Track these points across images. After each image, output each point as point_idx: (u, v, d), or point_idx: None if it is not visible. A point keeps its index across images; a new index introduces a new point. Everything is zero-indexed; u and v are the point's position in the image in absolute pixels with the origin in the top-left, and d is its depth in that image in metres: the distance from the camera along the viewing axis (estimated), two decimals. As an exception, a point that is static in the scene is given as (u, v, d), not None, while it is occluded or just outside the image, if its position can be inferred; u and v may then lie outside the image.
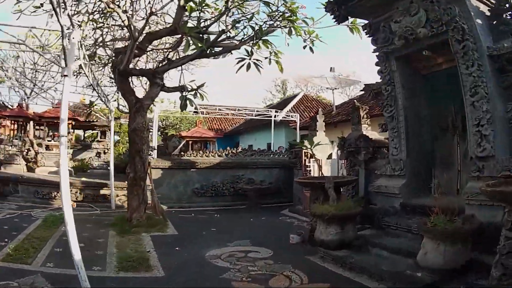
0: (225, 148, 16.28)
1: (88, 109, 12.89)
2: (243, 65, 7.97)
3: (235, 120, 34.28)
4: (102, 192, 13.69)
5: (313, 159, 12.50)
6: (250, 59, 7.98)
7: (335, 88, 22.29)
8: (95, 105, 13.02)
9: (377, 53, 7.35)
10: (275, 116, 21.86)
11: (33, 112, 20.90)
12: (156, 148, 15.21)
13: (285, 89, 49.01)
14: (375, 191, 7.61)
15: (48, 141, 18.80)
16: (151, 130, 15.17)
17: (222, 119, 35.93)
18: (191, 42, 7.27)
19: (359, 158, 8.83)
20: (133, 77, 11.35)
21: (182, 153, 15.73)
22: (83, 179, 14.97)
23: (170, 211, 13.08)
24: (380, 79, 7.55)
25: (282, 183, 15.34)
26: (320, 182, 7.68)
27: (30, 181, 14.12)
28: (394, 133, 7.23)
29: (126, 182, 10.70)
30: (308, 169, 12.68)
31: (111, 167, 13.28)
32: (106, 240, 8.47)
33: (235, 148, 16.76)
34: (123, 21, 8.51)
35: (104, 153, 17.19)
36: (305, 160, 12.44)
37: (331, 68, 21.67)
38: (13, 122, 20.65)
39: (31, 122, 20.35)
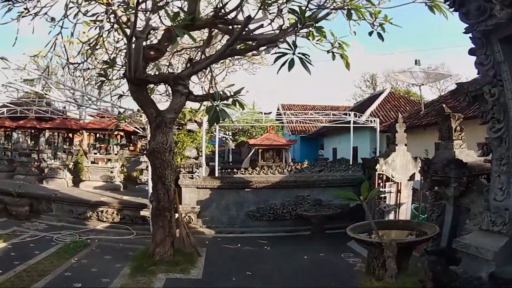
0: (307, 152, 14.02)
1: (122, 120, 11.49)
2: (284, 62, 5.96)
3: (320, 120, 31.84)
4: (142, 213, 12.56)
5: (391, 183, 9.81)
6: (293, 53, 5.97)
7: (422, 84, 19.72)
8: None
9: (470, 35, 4.61)
10: (355, 119, 19.01)
11: (74, 122, 20.49)
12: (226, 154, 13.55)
13: (375, 84, 46.23)
14: (460, 249, 4.88)
15: (94, 153, 18.08)
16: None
17: (305, 119, 33.65)
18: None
19: (447, 193, 6.15)
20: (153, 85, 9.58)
21: (235, 168, 13.75)
22: (125, 198, 13.85)
23: (216, 238, 11.71)
24: (480, 75, 4.77)
25: (355, 204, 12.68)
26: (379, 243, 5.15)
27: (64, 199, 13.58)
28: (501, 166, 4.45)
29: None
30: (382, 194, 9.97)
31: (149, 184, 11.84)
32: (112, 280, 7.40)
33: (299, 163, 14.48)
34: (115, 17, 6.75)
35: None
36: (379, 183, 9.74)
37: (416, 61, 19.29)
38: (55, 133, 20.42)
39: (84, 132, 19.90)
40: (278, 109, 37.92)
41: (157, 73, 9.78)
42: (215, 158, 17.64)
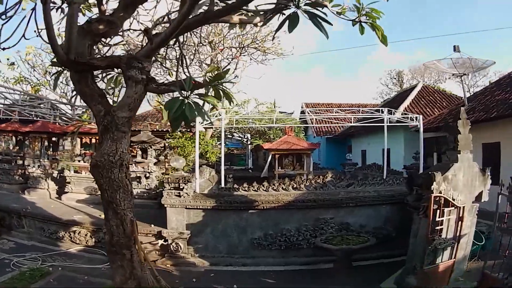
0: (333, 155, 11.33)
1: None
2: (285, 20, 4.27)
3: (347, 120, 29.21)
4: None
5: (450, 209, 6.93)
6: (297, 6, 4.22)
7: (463, 74, 17.46)
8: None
9: None
10: (388, 117, 16.03)
11: (58, 125, 18.30)
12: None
13: (401, 82, 45.34)
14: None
15: (77, 161, 15.80)
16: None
17: (331, 119, 30.99)
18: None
19: None
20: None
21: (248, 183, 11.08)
22: (102, 215, 11.58)
23: (209, 273, 9.36)
24: None
25: (393, 227, 10.15)
26: None
27: (35, 215, 12.08)
28: None
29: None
30: (439, 220, 7.04)
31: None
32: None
33: (321, 175, 11.68)
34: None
35: (146, 177, 13.39)
36: (435, 210, 6.79)
37: (455, 47, 16.63)
38: (37, 138, 18.30)
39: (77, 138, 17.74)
40: (301, 107, 35.50)
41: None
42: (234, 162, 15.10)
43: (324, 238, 9.36)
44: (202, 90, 5.15)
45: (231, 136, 31.38)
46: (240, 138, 31.47)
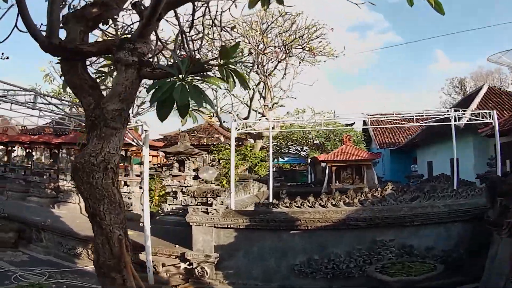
0: (397, 168, 9.96)
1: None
2: None
3: (411, 130, 27.24)
4: (142, 257, 9.34)
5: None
6: None
7: None
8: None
9: None
10: (457, 118, 14.15)
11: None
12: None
13: (464, 90, 43.77)
14: None
15: None
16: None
17: (395, 130, 29.39)
18: None
19: None
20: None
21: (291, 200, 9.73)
22: (130, 233, 10.65)
23: None
24: None
25: (465, 249, 8.41)
26: None
27: (54, 229, 11.90)
28: None
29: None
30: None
31: (145, 220, 8.89)
32: None
33: (381, 188, 10.09)
34: None
35: (183, 192, 12.33)
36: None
37: None
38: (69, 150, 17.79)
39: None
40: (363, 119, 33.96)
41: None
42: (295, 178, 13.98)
43: (380, 266, 7.76)
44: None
45: (287, 150, 30.18)
46: (298, 152, 30.18)
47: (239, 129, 12.21)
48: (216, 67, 3.93)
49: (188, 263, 8.90)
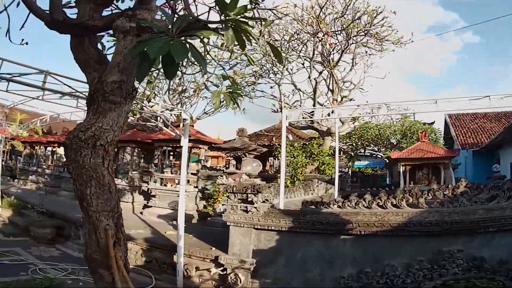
0: (481, 171, 9.04)
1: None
2: None
3: (494, 130, 25.43)
4: (176, 258, 9.04)
5: None
6: None
7: None
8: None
9: None
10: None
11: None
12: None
13: None
14: None
15: (162, 172, 15.36)
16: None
17: (477, 130, 28.64)
18: None
19: None
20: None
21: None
22: (169, 233, 10.55)
23: None
24: None
25: None
26: None
27: None
28: None
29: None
30: None
31: (179, 218, 8.83)
32: None
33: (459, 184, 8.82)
34: None
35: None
36: None
37: None
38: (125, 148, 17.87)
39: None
40: (444, 119, 32.27)
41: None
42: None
43: (441, 284, 6.65)
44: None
45: (363, 151, 29.02)
46: (374, 153, 28.94)
47: (291, 119, 11.57)
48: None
49: (221, 268, 8.31)
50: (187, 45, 3.14)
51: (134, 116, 14.56)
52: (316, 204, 8.68)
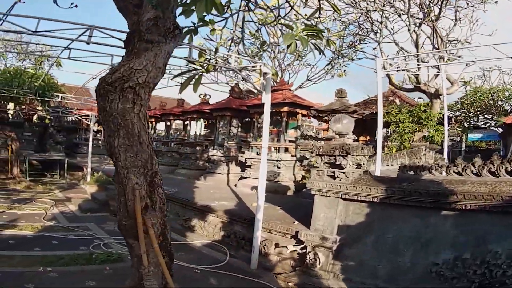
0: None
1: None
2: None
3: None
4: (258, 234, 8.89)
5: None
6: None
7: None
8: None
9: None
10: None
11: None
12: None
13: None
14: None
15: (257, 140, 15.86)
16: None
17: None
18: None
19: None
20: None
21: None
22: (254, 204, 10.58)
23: None
24: None
25: None
26: None
27: (176, 199, 12.19)
28: None
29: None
30: None
31: (260, 187, 8.63)
32: None
33: None
34: None
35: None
36: None
37: None
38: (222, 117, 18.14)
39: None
40: None
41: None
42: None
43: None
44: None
45: (476, 120, 26.65)
46: (488, 123, 26.51)
47: (387, 69, 11.04)
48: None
49: (301, 246, 7.97)
50: None
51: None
52: (415, 169, 7.75)
